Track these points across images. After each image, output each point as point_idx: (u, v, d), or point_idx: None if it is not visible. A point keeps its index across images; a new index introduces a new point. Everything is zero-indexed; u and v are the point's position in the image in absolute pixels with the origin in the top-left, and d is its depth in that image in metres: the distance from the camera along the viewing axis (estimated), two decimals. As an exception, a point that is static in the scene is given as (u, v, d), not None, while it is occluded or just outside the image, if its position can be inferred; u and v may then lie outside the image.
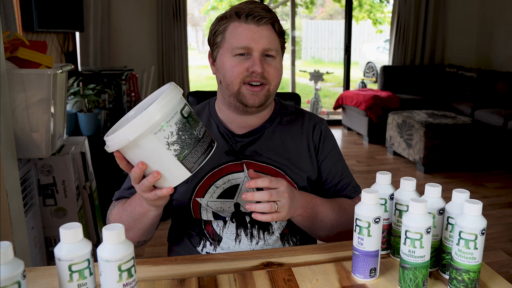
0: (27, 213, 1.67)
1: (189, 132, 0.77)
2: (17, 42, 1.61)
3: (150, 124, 0.73)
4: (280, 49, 1.05)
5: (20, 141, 1.55)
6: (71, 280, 0.65)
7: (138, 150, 0.77)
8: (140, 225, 0.97)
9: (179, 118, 0.76)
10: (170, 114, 0.75)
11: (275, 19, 1.02)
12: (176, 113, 0.76)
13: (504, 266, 2.32)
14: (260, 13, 0.99)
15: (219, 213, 1.06)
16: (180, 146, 0.76)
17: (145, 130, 0.73)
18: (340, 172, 1.13)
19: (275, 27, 1.02)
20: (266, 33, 1.00)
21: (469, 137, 3.79)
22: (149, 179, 0.79)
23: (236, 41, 0.99)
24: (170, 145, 0.75)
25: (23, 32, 2.62)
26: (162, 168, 0.78)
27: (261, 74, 1.00)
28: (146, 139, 0.75)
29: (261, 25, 0.99)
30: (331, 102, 7.42)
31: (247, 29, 0.99)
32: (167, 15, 4.66)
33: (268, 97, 1.04)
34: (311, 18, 12.32)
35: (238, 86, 1.01)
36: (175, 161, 0.77)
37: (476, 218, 0.74)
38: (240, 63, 1.00)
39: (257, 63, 0.99)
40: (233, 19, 1.01)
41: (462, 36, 5.54)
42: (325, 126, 1.15)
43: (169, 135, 0.75)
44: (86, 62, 4.27)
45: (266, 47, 1.00)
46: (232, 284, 0.81)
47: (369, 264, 0.81)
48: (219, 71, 1.05)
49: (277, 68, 1.03)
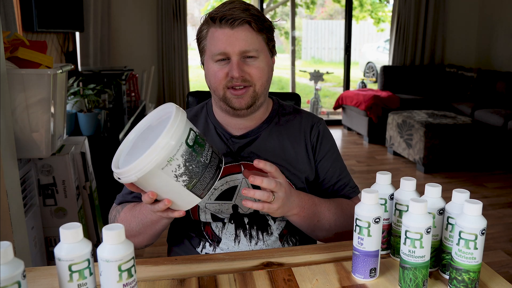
0: (27, 213, 1.67)
1: (196, 160, 0.77)
2: (17, 42, 1.61)
3: (156, 163, 0.73)
4: (264, 47, 1.02)
5: (20, 141, 1.55)
6: (71, 280, 0.65)
7: (147, 184, 0.78)
8: (151, 231, 0.98)
9: (185, 149, 0.75)
10: (175, 148, 0.74)
11: (252, 18, 0.98)
12: (182, 144, 0.75)
13: (504, 266, 2.32)
14: (233, 14, 0.96)
15: (217, 215, 1.05)
16: (188, 177, 0.76)
17: (152, 168, 0.73)
18: (338, 172, 1.12)
19: (252, 26, 0.98)
20: (242, 35, 0.97)
21: (469, 137, 3.79)
22: (160, 206, 0.81)
23: (214, 47, 0.99)
24: (179, 177, 0.76)
25: (23, 32, 2.62)
26: (173, 196, 0.80)
27: (240, 78, 0.99)
28: (154, 175, 0.75)
29: (235, 27, 0.97)
30: (331, 102, 7.42)
31: (222, 34, 0.98)
32: (167, 15, 4.66)
33: (255, 97, 1.02)
34: (311, 18, 12.32)
35: (223, 91, 1.01)
36: (185, 190, 0.78)
37: (476, 218, 0.74)
38: (221, 68, 1.00)
39: (234, 68, 0.98)
40: (210, 25, 1.00)
41: (462, 36, 5.54)
42: (323, 125, 1.15)
43: (177, 168, 0.75)
44: (86, 62, 4.27)
45: (242, 49, 0.98)
46: (232, 284, 0.81)
47: (369, 264, 0.81)
48: (206, 77, 1.06)
49: (260, 68, 1.01)
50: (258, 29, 0.99)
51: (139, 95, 3.85)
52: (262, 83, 1.02)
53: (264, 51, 1.02)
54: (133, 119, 3.17)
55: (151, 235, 1.00)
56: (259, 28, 1.00)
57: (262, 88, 1.03)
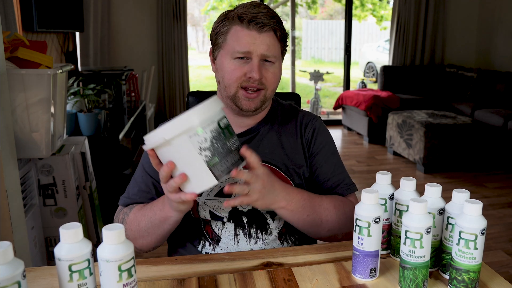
0: (27, 213, 1.67)
1: (223, 142, 0.79)
2: (17, 42, 1.61)
3: (186, 127, 0.76)
4: (280, 55, 1.06)
5: (20, 141, 1.55)
6: (71, 280, 0.65)
7: (172, 150, 0.79)
8: (159, 230, 0.98)
9: (215, 127, 0.78)
10: (207, 121, 0.77)
11: (278, 26, 1.02)
12: (213, 122, 0.78)
13: (504, 266, 2.32)
14: (263, 20, 0.99)
15: (216, 212, 1.06)
16: (211, 153, 0.78)
17: (181, 131, 0.76)
18: (333, 168, 1.12)
19: (277, 34, 1.03)
20: (267, 40, 1.01)
21: (469, 137, 3.79)
22: (176, 180, 0.80)
23: (237, 45, 1.00)
24: (202, 150, 0.78)
25: (23, 32, 2.62)
26: (191, 171, 0.80)
27: (258, 80, 1.01)
28: (180, 140, 0.77)
29: (263, 32, 1.00)
30: (331, 102, 7.42)
31: (248, 35, 1.00)
32: (167, 15, 4.66)
33: (264, 101, 1.05)
34: (311, 18, 12.32)
35: (235, 90, 1.02)
36: (204, 166, 0.79)
37: (476, 218, 0.74)
38: (239, 67, 1.01)
39: (255, 69, 1.00)
40: (236, 23, 1.01)
41: (462, 36, 5.54)
42: (319, 123, 1.15)
43: (203, 140, 0.77)
44: (86, 62, 4.27)
45: (265, 53, 1.00)
46: (232, 284, 0.81)
47: (369, 264, 0.81)
48: (218, 72, 1.06)
49: (275, 74, 1.04)
50: (280, 38, 1.04)
51: (139, 95, 3.85)
52: (273, 88, 1.06)
53: (279, 58, 1.06)
54: (133, 119, 3.18)
55: (158, 236, 1.00)
56: (280, 37, 1.04)
57: (272, 93, 1.07)
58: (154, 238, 1.00)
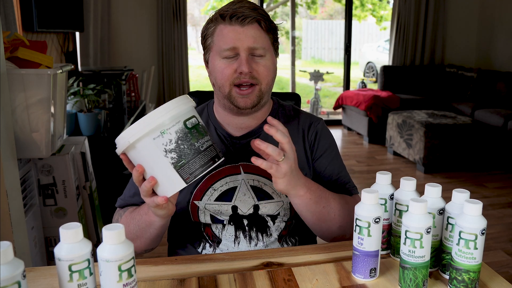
0: (27, 213, 1.67)
1: (190, 142, 0.77)
2: (17, 42, 1.61)
3: (149, 129, 0.74)
4: (270, 46, 1.03)
5: (20, 141, 1.55)
6: (71, 280, 0.65)
7: (138, 153, 0.78)
8: (146, 234, 0.97)
9: (181, 128, 0.76)
10: (171, 122, 0.75)
11: (261, 17, 1.00)
12: (179, 122, 0.76)
13: (504, 266, 2.32)
14: (244, 13, 0.98)
15: (217, 216, 1.05)
16: (177, 155, 0.76)
17: (144, 133, 0.74)
18: (337, 170, 1.11)
19: (261, 25, 1.00)
20: (252, 32, 0.99)
21: (469, 137, 3.79)
22: (145, 184, 0.80)
23: (223, 43, 0.99)
24: (168, 153, 0.76)
25: (23, 32, 2.62)
26: (159, 174, 0.79)
27: (249, 74, 0.99)
28: (144, 142, 0.75)
29: (245, 25, 0.98)
30: (331, 102, 7.42)
31: (232, 31, 0.99)
32: (167, 15, 4.66)
33: (260, 97, 1.03)
34: (311, 18, 12.32)
35: (229, 89, 1.01)
36: (171, 169, 0.77)
37: (476, 218, 0.74)
38: (229, 65, 1.00)
39: (244, 63, 0.98)
40: (219, 22, 1.01)
41: (462, 36, 5.54)
42: (321, 125, 1.14)
43: (168, 142, 0.75)
44: (86, 62, 4.27)
45: (251, 46, 0.98)
46: (232, 284, 0.81)
47: (369, 264, 0.81)
48: (211, 74, 1.05)
49: (267, 66, 1.02)
50: (266, 29, 1.01)
51: (139, 95, 3.85)
52: (267, 82, 1.03)
53: (270, 50, 1.03)
54: (133, 119, 3.18)
55: (147, 239, 0.99)
56: (267, 28, 1.01)
57: (268, 87, 1.04)
58: (143, 242, 0.99)
